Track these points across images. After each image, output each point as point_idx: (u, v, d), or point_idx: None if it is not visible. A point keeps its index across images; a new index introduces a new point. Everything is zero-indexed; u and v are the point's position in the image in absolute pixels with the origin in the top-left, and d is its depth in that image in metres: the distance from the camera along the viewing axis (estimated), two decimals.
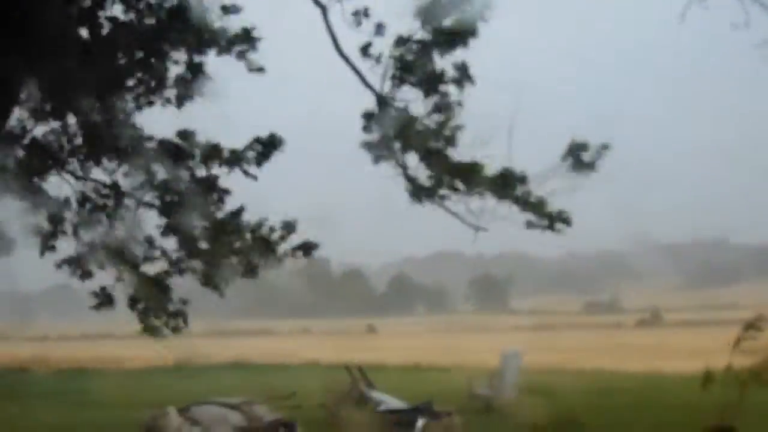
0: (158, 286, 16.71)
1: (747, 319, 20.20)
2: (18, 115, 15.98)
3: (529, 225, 15.11)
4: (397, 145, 14.93)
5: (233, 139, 16.84)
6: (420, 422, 21.85)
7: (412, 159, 15.25)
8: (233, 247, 16.31)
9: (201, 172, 16.43)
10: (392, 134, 14.79)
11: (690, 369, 20.27)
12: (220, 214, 16.28)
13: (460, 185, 14.87)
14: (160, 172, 16.47)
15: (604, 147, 14.97)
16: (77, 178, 16.57)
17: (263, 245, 16.13)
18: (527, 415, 22.23)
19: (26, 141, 16.43)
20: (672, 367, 33.09)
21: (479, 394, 25.95)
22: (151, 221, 16.55)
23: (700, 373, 19.91)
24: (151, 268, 16.82)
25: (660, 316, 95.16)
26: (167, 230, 16.30)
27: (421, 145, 14.78)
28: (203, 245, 16.42)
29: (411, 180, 14.81)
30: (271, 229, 16.28)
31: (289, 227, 16.27)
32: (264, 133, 16.48)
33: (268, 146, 16.35)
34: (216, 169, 16.41)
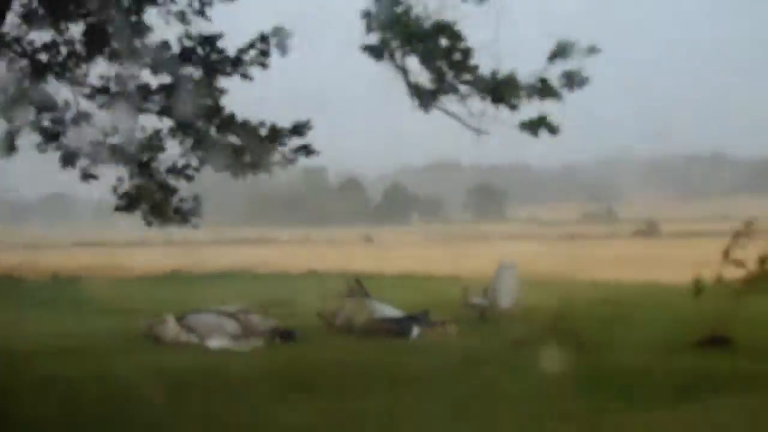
0: (162, 185, 16.57)
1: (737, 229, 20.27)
2: (10, 21, 15.68)
3: (523, 127, 14.81)
4: (395, 44, 14.61)
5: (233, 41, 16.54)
6: (415, 330, 21.96)
7: (413, 63, 14.94)
8: (235, 146, 16.08)
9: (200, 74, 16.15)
10: (391, 33, 14.46)
11: (686, 280, 20.26)
12: (221, 114, 16.05)
13: (461, 83, 14.61)
14: (161, 78, 16.21)
15: (591, 50, 14.61)
16: (75, 83, 16.31)
17: (266, 144, 15.93)
18: (522, 324, 22.35)
19: (21, 47, 16.16)
20: (668, 278, 33.17)
21: (475, 303, 26.02)
22: (152, 123, 16.33)
23: (695, 283, 19.99)
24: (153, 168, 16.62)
25: (657, 228, 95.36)
26: (169, 132, 16.13)
27: (420, 39, 14.43)
28: (205, 145, 16.19)
29: (412, 85, 14.55)
30: (274, 129, 16.06)
31: (297, 129, 16.07)
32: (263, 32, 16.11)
33: (277, 38, 15.95)
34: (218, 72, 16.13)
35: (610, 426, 12.49)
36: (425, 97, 14.53)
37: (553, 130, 14.99)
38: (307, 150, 16.26)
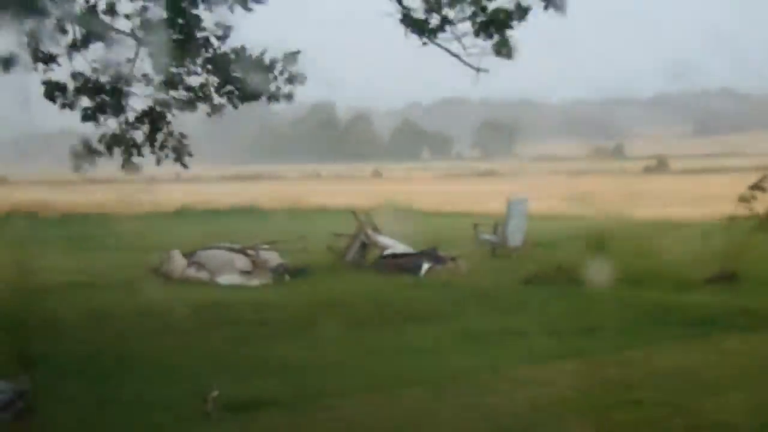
0: (151, 121, 16.34)
1: (755, 170, 20.15)
2: None
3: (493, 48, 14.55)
4: None
5: None
6: (425, 266, 21.99)
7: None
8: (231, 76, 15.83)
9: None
10: None
11: (696, 215, 20.25)
12: (223, 49, 15.78)
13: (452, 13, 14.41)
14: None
15: None
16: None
17: (262, 72, 15.69)
18: (532, 260, 22.36)
19: None
20: (678, 214, 33.15)
21: (485, 239, 26.05)
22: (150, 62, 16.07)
23: (705, 220, 19.97)
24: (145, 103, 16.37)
25: (666, 163, 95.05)
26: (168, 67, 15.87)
27: None
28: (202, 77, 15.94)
29: (405, 14, 14.34)
30: (272, 62, 15.81)
31: (288, 59, 15.81)
32: None
33: None
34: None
35: (617, 362, 12.51)
36: (415, 26, 14.35)
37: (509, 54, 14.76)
38: (298, 78, 15.97)
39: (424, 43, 14.34)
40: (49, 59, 15.36)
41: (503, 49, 14.17)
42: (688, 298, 17.04)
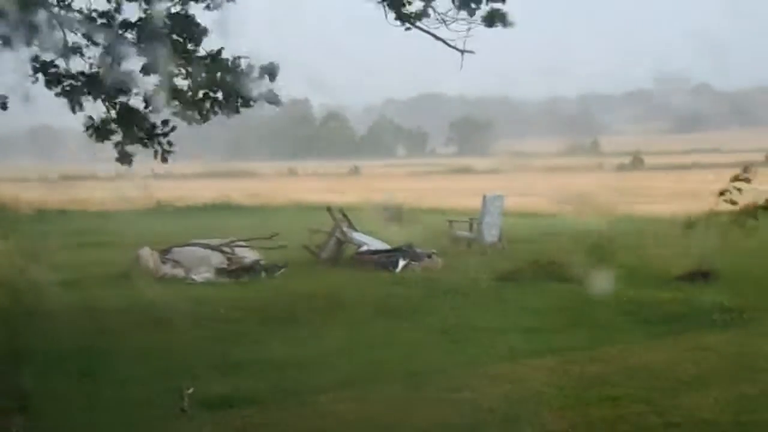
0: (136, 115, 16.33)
1: (732, 167, 20.21)
2: None
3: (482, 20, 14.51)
4: None
5: None
6: (401, 263, 21.99)
7: None
8: (212, 83, 15.82)
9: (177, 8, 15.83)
10: None
11: (672, 212, 20.31)
12: (199, 52, 15.77)
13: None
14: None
15: None
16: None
17: (238, 82, 15.70)
18: (508, 257, 22.39)
19: None
20: (653, 211, 33.24)
21: (460, 236, 26.07)
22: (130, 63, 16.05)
23: (680, 216, 20.03)
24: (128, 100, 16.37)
25: (641, 160, 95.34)
26: (145, 69, 15.84)
27: None
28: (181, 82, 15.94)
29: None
30: (249, 68, 15.81)
31: (269, 71, 15.84)
32: None
33: None
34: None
35: (592, 359, 12.52)
36: (403, 15, 14.33)
37: (505, 22, 14.73)
38: (272, 96, 16.01)
39: (407, 29, 14.31)
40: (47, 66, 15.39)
41: (496, 19, 14.18)
42: (664, 295, 17.07)
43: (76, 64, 15.71)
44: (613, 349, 13.11)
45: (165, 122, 16.54)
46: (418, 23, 14.50)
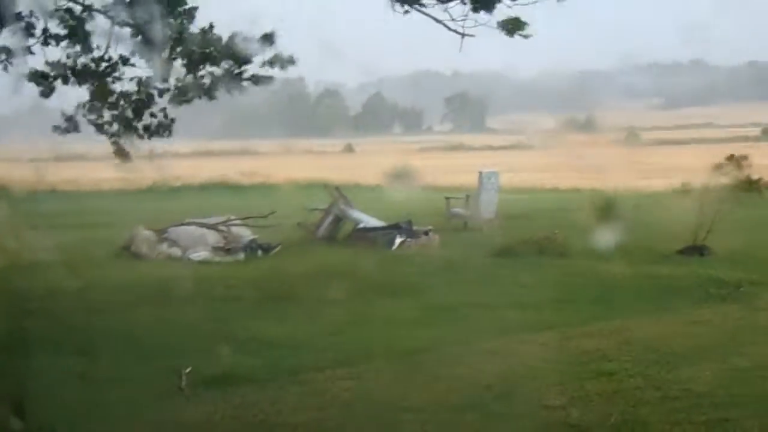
0: (132, 102, 16.24)
1: (726, 142, 20.19)
2: None
3: (500, 26, 14.48)
4: None
5: None
6: (398, 240, 21.98)
7: None
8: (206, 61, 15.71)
9: None
10: None
11: (667, 187, 20.33)
12: (191, 29, 15.63)
13: None
14: None
15: None
16: None
17: (237, 58, 15.60)
18: (504, 233, 22.38)
19: None
20: (649, 185, 33.27)
21: (457, 213, 26.07)
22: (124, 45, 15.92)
23: (676, 191, 20.06)
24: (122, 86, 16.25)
25: (637, 135, 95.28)
26: (139, 49, 15.72)
27: None
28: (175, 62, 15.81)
29: None
30: (245, 40, 15.70)
31: (267, 39, 15.71)
32: None
33: None
34: None
35: (589, 333, 12.54)
36: None
37: (525, 33, 14.72)
38: (282, 61, 15.91)
39: (407, 12, 14.24)
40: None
41: (518, 28, 14.15)
42: (660, 270, 17.11)
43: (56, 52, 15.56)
44: (609, 324, 13.13)
45: (164, 112, 16.45)
46: (416, 6, 14.44)
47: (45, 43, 15.33)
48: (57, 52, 15.45)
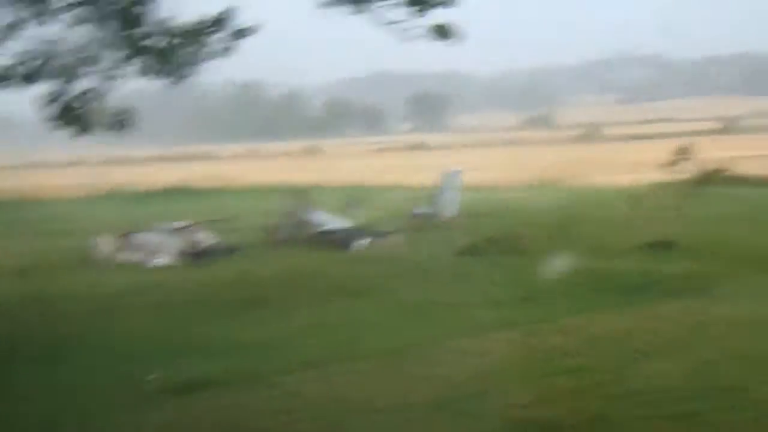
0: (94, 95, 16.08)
1: (683, 136, 20.33)
2: None
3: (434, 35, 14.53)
4: None
5: None
6: (361, 241, 21.99)
7: None
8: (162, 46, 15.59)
9: None
10: None
11: (629, 182, 20.44)
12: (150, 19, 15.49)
13: None
14: None
15: None
16: None
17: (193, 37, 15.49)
18: (467, 232, 22.43)
19: None
20: (611, 181, 33.42)
21: (420, 213, 26.11)
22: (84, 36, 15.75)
23: (638, 186, 20.18)
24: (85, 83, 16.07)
25: (598, 131, 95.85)
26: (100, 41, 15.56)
27: None
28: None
29: None
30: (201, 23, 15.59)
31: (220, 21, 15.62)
32: None
33: None
34: None
35: (554, 330, 12.57)
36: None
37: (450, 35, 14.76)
38: (241, 32, 15.78)
39: (354, 14, 14.21)
40: None
41: (442, 33, 14.17)
42: (624, 265, 17.17)
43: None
44: (574, 320, 13.16)
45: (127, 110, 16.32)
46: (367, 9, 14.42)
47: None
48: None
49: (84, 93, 15.82)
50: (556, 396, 9.52)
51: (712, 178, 20.58)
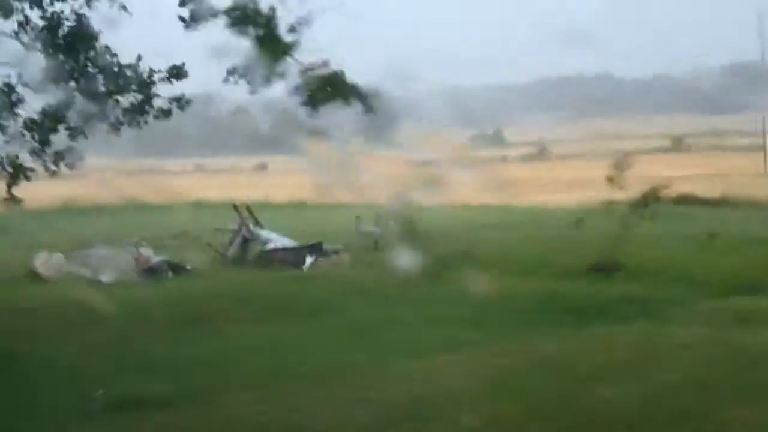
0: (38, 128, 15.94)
1: (633, 153, 20.45)
2: None
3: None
4: None
5: None
6: (308, 260, 21.95)
7: None
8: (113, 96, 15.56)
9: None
10: None
11: (576, 202, 20.52)
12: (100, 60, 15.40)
13: None
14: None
15: None
16: None
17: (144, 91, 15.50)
18: (415, 251, 22.43)
19: None
20: (557, 200, 33.55)
21: (367, 231, 26.07)
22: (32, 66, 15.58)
23: (586, 205, 20.25)
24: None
25: (546, 149, 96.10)
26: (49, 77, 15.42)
27: None
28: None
29: None
30: (152, 73, 15.59)
31: (176, 72, 15.63)
32: None
33: None
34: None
35: (499, 353, 12.56)
36: None
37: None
38: (182, 102, 15.95)
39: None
40: None
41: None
42: (571, 287, 17.22)
43: None
44: (522, 343, 13.17)
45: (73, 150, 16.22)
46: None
47: None
48: None
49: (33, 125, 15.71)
50: (503, 420, 9.49)
51: (658, 197, 20.64)
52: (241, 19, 13.94)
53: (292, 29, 14.16)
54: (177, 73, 15.67)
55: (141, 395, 10.52)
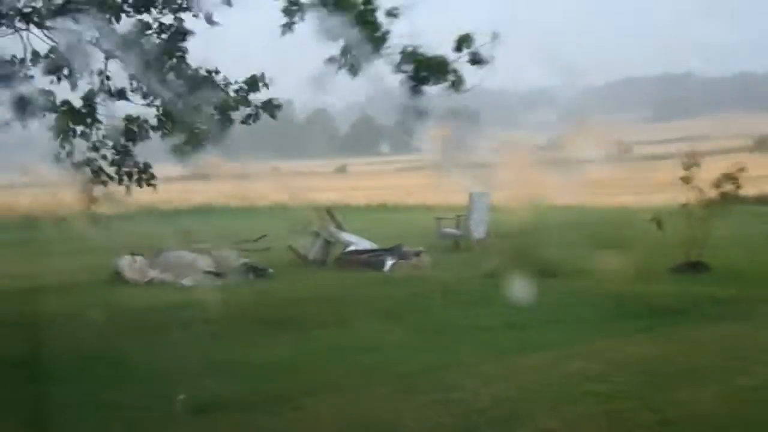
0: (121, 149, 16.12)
1: (717, 154, 20.10)
2: None
3: None
4: None
5: None
6: (389, 262, 21.91)
7: None
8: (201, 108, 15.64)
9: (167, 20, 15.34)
10: None
11: (657, 203, 20.25)
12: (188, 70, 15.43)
13: None
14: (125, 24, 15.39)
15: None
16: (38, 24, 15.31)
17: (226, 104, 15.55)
18: (495, 253, 22.31)
19: None
20: (639, 201, 33.19)
21: (448, 233, 26.01)
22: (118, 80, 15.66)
23: (670, 207, 19.98)
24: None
25: (629, 150, 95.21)
26: (135, 89, 15.51)
27: None
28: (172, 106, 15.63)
29: None
30: (227, 84, 15.62)
31: (252, 85, 15.66)
32: None
33: None
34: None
35: (582, 354, 12.42)
36: None
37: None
38: (271, 106, 15.96)
39: None
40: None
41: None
42: (653, 288, 16.98)
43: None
44: (603, 345, 13.01)
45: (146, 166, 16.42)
46: None
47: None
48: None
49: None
50: (583, 422, 9.39)
51: (739, 197, 20.34)
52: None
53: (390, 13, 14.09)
54: (253, 83, 15.67)
55: (225, 398, 10.55)
